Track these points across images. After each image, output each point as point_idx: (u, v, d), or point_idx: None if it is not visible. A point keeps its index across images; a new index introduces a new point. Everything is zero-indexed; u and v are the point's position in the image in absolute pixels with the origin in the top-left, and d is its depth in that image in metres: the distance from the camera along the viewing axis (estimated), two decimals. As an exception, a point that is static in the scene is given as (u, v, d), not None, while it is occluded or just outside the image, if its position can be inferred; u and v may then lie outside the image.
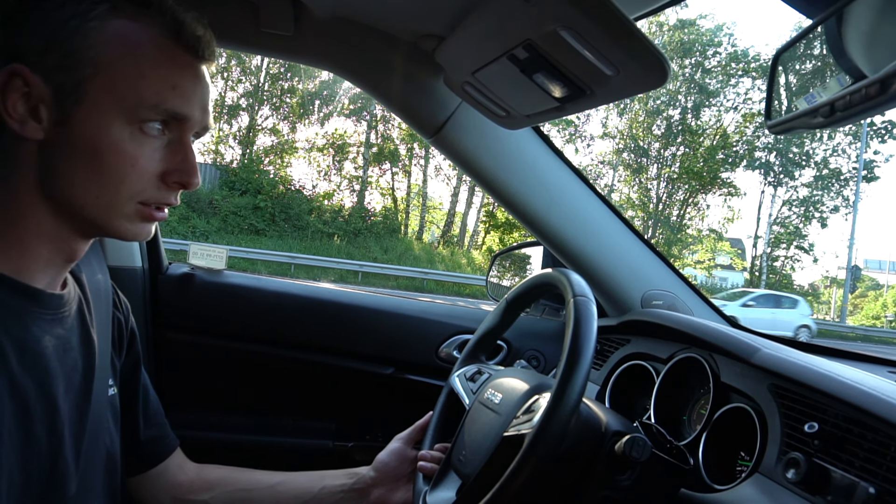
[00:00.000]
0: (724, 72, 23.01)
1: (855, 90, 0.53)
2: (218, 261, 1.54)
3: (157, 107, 0.70)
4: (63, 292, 0.77)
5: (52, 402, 0.72)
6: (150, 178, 0.72)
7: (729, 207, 26.01)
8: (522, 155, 1.25)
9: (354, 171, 22.30)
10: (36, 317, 0.72)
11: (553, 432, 0.74)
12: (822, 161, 23.97)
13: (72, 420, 0.75)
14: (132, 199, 0.72)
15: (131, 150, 0.70)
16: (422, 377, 1.53)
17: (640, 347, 1.20)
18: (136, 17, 0.70)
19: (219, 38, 1.24)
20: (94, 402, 0.79)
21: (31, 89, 0.67)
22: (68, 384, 0.75)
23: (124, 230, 0.73)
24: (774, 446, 0.80)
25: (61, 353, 0.75)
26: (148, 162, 0.71)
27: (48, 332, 0.73)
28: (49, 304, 0.74)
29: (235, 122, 21.78)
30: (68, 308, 0.78)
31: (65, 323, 0.77)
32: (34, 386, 0.70)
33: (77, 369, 0.78)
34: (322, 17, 1.06)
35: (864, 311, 28.83)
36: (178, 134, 0.74)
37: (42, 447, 0.71)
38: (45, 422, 0.71)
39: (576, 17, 0.71)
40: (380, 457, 1.08)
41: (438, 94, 1.19)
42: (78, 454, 0.76)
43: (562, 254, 1.34)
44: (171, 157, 0.73)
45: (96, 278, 0.89)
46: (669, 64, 0.72)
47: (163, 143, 0.73)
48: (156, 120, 0.71)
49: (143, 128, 0.70)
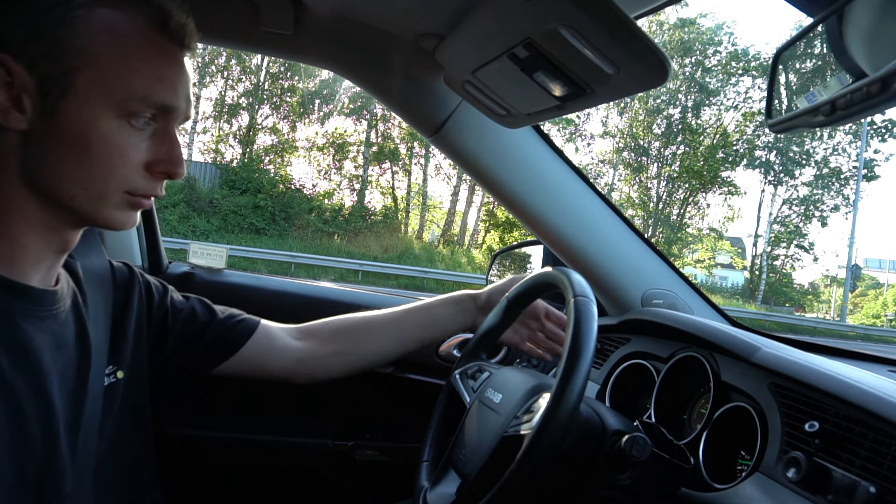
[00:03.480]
0: (725, 70, 23.00)
1: (856, 88, 0.53)
2: (218, 260, 1.54)
3: (147, 100, 0.70)
4: (56, 288, 0.77)
5: (47, 400, 0.72)
6: (138, 168, 0.72)
7: (729, 206, 25.98)
8: (522, 154, 1.25)
9: (354, 170, 22.29)
10: (28, 314, 0.71)
11: (552, 433, 0.74)
12: (823, 160, 23.98)
13: (67, 417, 0.75)
14: (119, 188, 0.72)
15: (120, 142, 0.70)
16: (422, 376, 1.53)
17: (641, 346, 1.20)
18: (121, 6, 0.69)
19: (219, 37, 1.25)
20: (90, 396, 0.79)
21: (13, 79, 0.66)
22: (63, 380, 0.75)
23: (113, 219, 0.74)
24: (775, 445, 0.80)
25: (55, 349, 0.74)
26: (135, 152, 0.72)
27: (41, 330, 0.72)
28: (42, 301, 0.74)
29: (235, 121, 21.79)
30: (62, 303, 0.77)
31: (59, 319, 0.76)
32: (27, 385, 0.69)
33: (72, 364, 0.77)
34: (322, 16, 1.06)
35: (864, 309, 28.85)
36: (163, 124, 0.74)
37: (37, 446, 0.70)
38: (40, 420, 0.71)
39: (576, 16, 0.71)
40: (486, 291, 1.21)
41: (438, 92, 1.19)
42: (73, 451, 0.76)
43: (562, 253, 1.34)
44: (156, 147, 0.73)
45: (91, 262, 0.89)
46: (670, 62, 0.72)
47: (149, 134, 0.73)
48: (144, 112, 0.71)
49: (131, 120, 0.70)
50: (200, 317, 1.05)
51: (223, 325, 1.06)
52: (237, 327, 1.07)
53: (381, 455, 1.51)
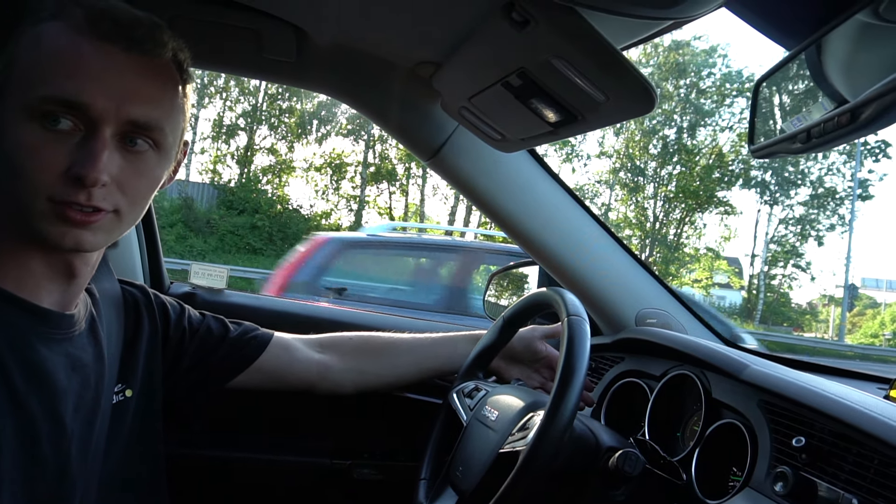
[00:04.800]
0: (719, 92, 23.23)
1: (828, 118, 0.56)
2: (219, 280, 1.56)
3: (57, 98, 0.66)
4: (73, 311, 0.78)
5: (60, 422, 0.73)
6: (58, 174, 0.67)
7: (726, 226, 26.03)
8: (518, 177, 1.28)
9: (352, 190, 22.39)
10: (44, 336, 0.73)
11: (547, 450, 0.76)
12: (818, 179, 24.09)
13: (81, 438, 0.76)
14: (39, 195, 0.67)
15: (33, 145, 0.66)
16: (419, 395, 1.54)
17: (634, 365, 1.22)
18: (57, 16, 0.69)
19: (223, 63, 1.28)
20: (101, 416, 0.80)
21: None
22: (79, 402, 0.76)
23: (46, 233, 0.69)
24: (764, 461, 0.82)
25: (70, 371, 0.75)
26: (53, 157, 0.67)
27: (57, 352, 0.74)
28: (59, 324, 0.75)
29: (233, 141, 21.92)
30: (77, 327, 0.78)
31: (75, 342, 0.77)
32: (40, 406, 0.70)
33: (89, 386, 0.78)
34: (323, 45, 1.09)
35: (862, 329, 28.80)
36: (91, 129, 0.68)
37: (48, 467, 0.71)
38: (52, 442, 0.72)
39: (566, 48, 0.74)
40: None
41: (436, 117, 1.22)
42: (84, 472, 0.77)
43: (557, 273, 1.36)
44: (79, 152, 0.68)
45: (104, 287, 0.91)
46: (656, 92, 0.75)
47: (76, 140, 0.68)
48: (56, 112, 0.66)
49: (45, 123, 0.66)
50: (215, 333, 1.06)
51: (237, 339, 1.08)
52: (252, 341, 1.09)
53: (379, 474, 1.52)
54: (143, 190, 0.75)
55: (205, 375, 1.05)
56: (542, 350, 1.21)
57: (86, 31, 0.68)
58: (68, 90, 0.66)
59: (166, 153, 0.76)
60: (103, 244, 0.75)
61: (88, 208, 0.69)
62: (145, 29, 0.71)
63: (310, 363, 1.14)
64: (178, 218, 18.11)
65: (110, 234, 0.74)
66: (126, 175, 0.71)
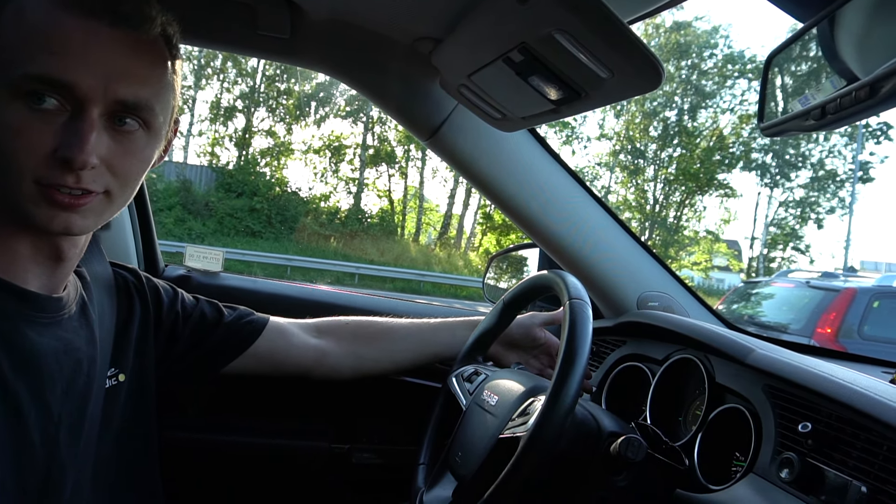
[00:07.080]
0: (720, 73, 23.10)
1: (845, 93, 0.54)
2: (214, 263, 1.54)
3: (41, 77, 0.64)
4: (62, 294, 0.77)
5: (47, 407, 0.72)
6: (44, 155, 0.65)
7: (725, 209, 26.10)
8: (518, 157, 1.26)
9: (351, 172, 22.34)
10: (32, 320, 0.71)
11: (547, 435, 0.74)
12: (818, 162, 24.06)
13: (70, 423, 0.75)
14: (25, 177, 0.65)
15: (18, 125, 0.64)
16: (419, 379, 1.53)
17: (636, 349, 1.20)
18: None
19: (215, 40, 1.25)
20: (93, 401, 0.79)
21: None
22: (69, 387, 0.75)
23: (34, 216, 0.67)
24: (769, 446, 0.80)
25: (61, 355, 0.74)
26: (40, 138, 0.65)
27: (45, 336, 0.72)
28: (46, 307, 0.74)
29: (231, 123, 21.84)
30: (67, 310, 0.77)
31: (65, 325, 0.76)
32: (28, 390, 0.69)
33: (81, 371, 0.77)
34: (318, 20, 1.06)
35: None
36: (77, 109, 0.66)
37: (36, 453, 0.70)
38: (40, 427, 0.70)
39: (570, 21, 0.71)
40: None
41: (434, 96, 1.19)
42: (74, 457, 0.76)
43: (558, 255, 1.34)
44: (65, 133, 0.65)
45: (96, 270, 0.89)
46: (664, 67, 0.73)
47: (63, 120, 0.66)
48: (41, 91, 0.64)
49: (30, 102, 0.64)
50: (209, 317, 1.05)
51: (232, 324, 1.06)
52: (247, 326, 1.08)
53: (378, 458, 1.51)
54: (134, 171, 0.73)
55: (199, 360, 1.03)
56: (540, 337, 1.20)
57: (69, 4, 0.65)
58: (52, 68, 0.64)
59: (156, 132, 0.74)
60: (93, 227, 0.73)
61: (77, 191, 0.67)
62: (132, 3, 0.67)
63: (306, 348, 1.13)
64: (176, 201, 18.08)
65: (100, 216, 0.72)
66: (115, 156, 0.69)
